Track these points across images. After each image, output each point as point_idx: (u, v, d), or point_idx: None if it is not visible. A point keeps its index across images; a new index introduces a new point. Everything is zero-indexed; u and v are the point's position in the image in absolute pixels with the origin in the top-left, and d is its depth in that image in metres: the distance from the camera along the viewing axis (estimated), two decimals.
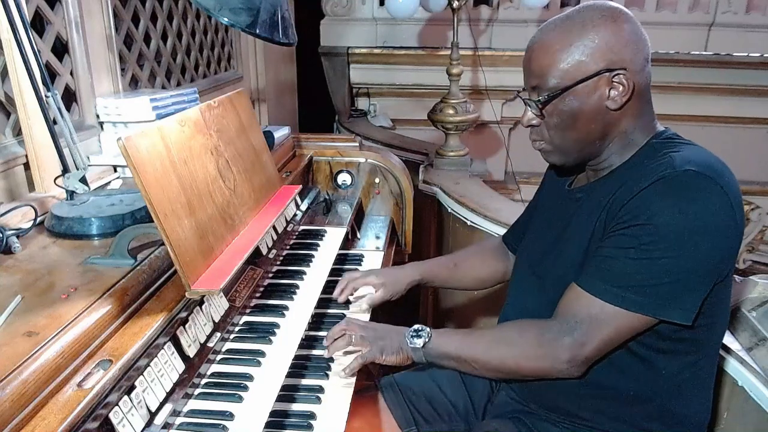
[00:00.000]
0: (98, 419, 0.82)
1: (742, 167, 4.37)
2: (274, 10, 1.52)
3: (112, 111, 1.69)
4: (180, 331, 1.06)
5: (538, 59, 1.10)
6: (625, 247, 1.02)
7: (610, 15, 1.07)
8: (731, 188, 1.01)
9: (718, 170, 1.02)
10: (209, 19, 2.58)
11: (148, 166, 1.04)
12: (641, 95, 1.09)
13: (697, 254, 0.99)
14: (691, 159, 1.03)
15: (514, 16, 4.08)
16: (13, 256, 1.16)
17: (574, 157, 1.17)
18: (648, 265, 1.00)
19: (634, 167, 1.10)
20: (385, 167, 2.20)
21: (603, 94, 1.07)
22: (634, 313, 1.03)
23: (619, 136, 1.12)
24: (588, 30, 1.06)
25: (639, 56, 1.07)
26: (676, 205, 0.99)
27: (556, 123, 1.12)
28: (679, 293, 1.01)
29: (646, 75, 1.09)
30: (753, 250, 4.55)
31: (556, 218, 1.25)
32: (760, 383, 1.24)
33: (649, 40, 1.12)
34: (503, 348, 1.15)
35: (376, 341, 1.24)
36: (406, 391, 1.42)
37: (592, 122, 1.10)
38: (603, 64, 1.06)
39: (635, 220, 1.01)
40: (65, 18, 1.60)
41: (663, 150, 1.08)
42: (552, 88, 1.09)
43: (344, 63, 4.21)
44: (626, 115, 1.10)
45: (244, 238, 1.31)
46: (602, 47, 1.05)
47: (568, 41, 1.07)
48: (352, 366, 1.23)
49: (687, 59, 4.05)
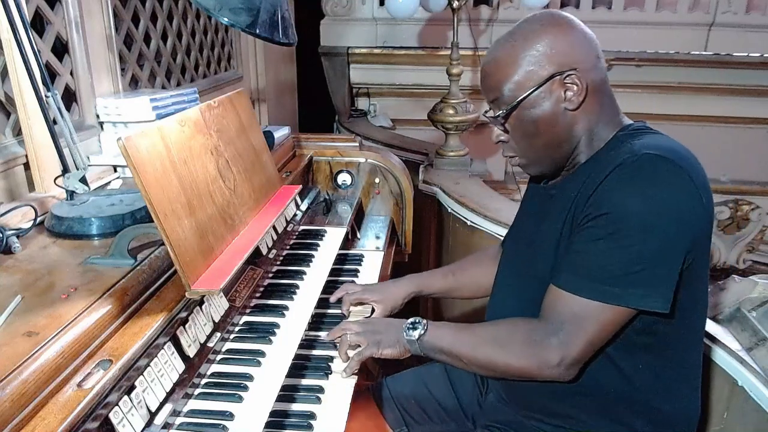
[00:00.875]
0: (98, 419, 0.82)
1: (742, 167, 4.39)
2: (274, 10, 1.52)
3: (112, 111, 1.69)
4: (180, 331, 1.06)
5: (492, 76, 1.14)
6: (595, 239, 1.03)
7: (551, 22, 1.11)
8: (694, 170, 1.02)
9: (680, 153, 1.03)
10: (209, 19, 2.58)
11: (148, 166, 1.04)
12: (598, 91, 1.11)
13: (665, 236, 0.99)
14: (649, 144, 1.04)
15: (514, 16, 4.08)
16: (13, 256, 1.16)
17: (548, 163, 1.19)
18: (619, 254, 1.00)
19: (599, 160, 1.11)
20: (385, 167, 2.20)
21: (559, 97, 1.10)
22: (614, 306, 1.02)
23: (584, 134, 1.13)
24: (532, 40, 1.09)
25: (588, 55, 1.10)
26: (637, 190, 1.00)
27: (521, 134, 1.15)
28: (653, 279, 1.01)
29: (600, 71, 1.12)
30: (753, 250, 4.55)
31: (533, 215, 1.27)
32: (760, 383, 1.24)
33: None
34: (493, 347, 1.14)
35: (373, 336, 1.24)
36: (397, 394, 1.44)
37: (555, 126, 1.12)
38: (552, 68, 1.08)
39: (600, 211, 1.02)
40: (65, 18, 1.60)
41: (626, 140, 1.09)
42: (508, 101, 1.12)
43: (344, 63, 4.21)
44: (586, 113, 1.11)
45: (244, 238, 1.31)
46: (548, 53, 1.08)
47: (515, 54, 1.10)
48: (351, 365, 1.23)
49: (687, 59, 4.05)
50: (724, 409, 1.35)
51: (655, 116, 4.04)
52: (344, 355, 1.25)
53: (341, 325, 1.31)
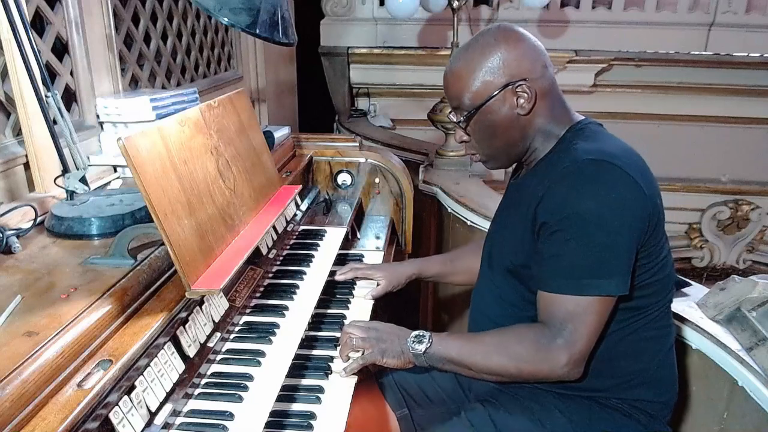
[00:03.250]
0: (98, 419, 0.82)
1: (742, 167, 4.39)
2: (274, 10, 1.52)
3: (112, 111, 1.69)
4: (180, 331, 1.06)
5: (453, 85, 1.27)
6: (564, 241, 1.13)
7: (503, 37, 1.22)
8: (629, 165, 1.13)
9: (614, 154, 1.15)
10: (209, 19, 2.58)
11: (148, 166, 1.04)
12: (547, 96, 1.24)
13: (619, 227, 1.11)
14: (589, 149, 1.17)
15: (514, 16, 4.08)
16: (13, 256, 1.16)
17: (505, 159, 1.33)
18: (589, 250, 1.12)
19: (551, 160, 1.24)
20: (385, 167, 2.20)
21: (512, 104, 1.22)
22: (597, 296, 1.12)
23: (537, 133, 1.26)
24: (486, 54, 1.22)
25: (536, 65, 1.22)
26: (587, 192, 1.12)
27: (480, 136, 1.28)
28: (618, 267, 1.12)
29: (548, 78, 1.24)
30: (753, 250, 4.56)
31: (503, 209, 1.42)
32: (760, 383, 1.24)
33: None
34: (503, 355, 1.19)
35: (378, 343, 1.26)
36: (398, 376, 1.48)
37: (510, 129, 1.25)
38: (504, 79, 1.21)
39: (561, 215, 1.13)
40: (65, 18, 1.60)
41: (572, 141, 1.21)
42: (468, 107, 1.25)
43: (344, 63, 4.21)
44: (537, 115, 1.24)
45: (244, 238, 1.31)
46: (501, 65, 1.21)
47: (472, 67, 1.23)
48: (351, 366, 1.24)
49: (687, 59, 4.05)
50: (724, 409, 1.35)
51: (655, 116, 4.04)
52: (346, 356, 1.26)
53: (345, 327, 1.32)
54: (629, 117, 4.06)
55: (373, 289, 1.58)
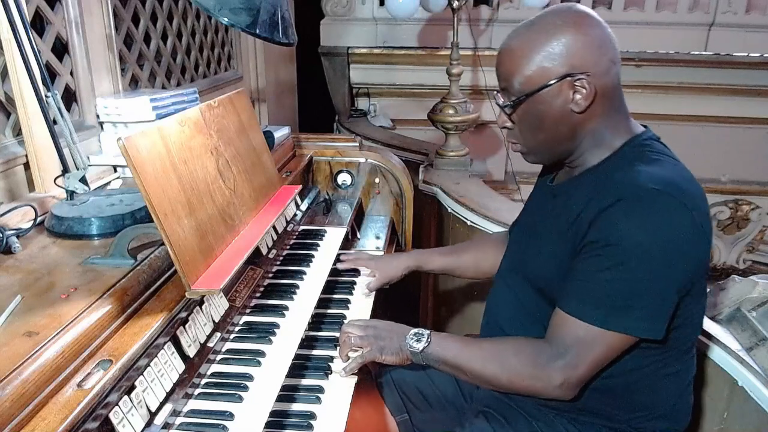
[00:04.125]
0: (98, 419, 0.82)
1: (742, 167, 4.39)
2: (274, 10, 1.52)
3: (112, 111, 1.69)
4: (180, 331, 1.06)
5: (505, 64, 1.14)
6: (601, 269, 1.05)
7: (573, 21, 1.10)
8: (695, 203, 1.04)
9: (681, 187, 1.05)
10: (209, 19, 2.58)
11: (148, 166, 1.04)
12: (607, 97, 1.11)
13: (666, 269, 1.03)
14: (654, 176, 1.05)
15: (514, 16, 4.08)
16: (13, 256, 1.16)
17: (547, 156, 1.22)
18: (623, 284, 1.03)
19: (605, 176, 1.12)
20: (385, 167, 2.20)
21: (567, 98, 1.10)
22: (616, 332, 1.06)
23: (588, 135, 1.15)
24: (550, 36, 1.09)
25: (602, 59, 1.10)
26: (642, 225, 1.02)
27: (525, 126, 1.17)
28: (653, 309, 1.05)
29: (613, 77, 1.11)
30: (753, 250, 4.55)
31: (537, 212, 1.31)
32: (760, 383, 1.24)
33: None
34: (498, 364, 1.16)
35: (376, 341, 1.25)
36: (398, 381, 1.46)
37: (559, 124, 1.13)
38: (564, 69, 1.08)
39: (605, 241, 1.04)
40: (65, 18, 1.60)
41: (634, 161, 1.10)
42: (517, 93, 1.13)
43: (344, 63, 4.21)
44: (593, 117, 1.12)
45: (244, 238, 1.31)
46: (563, 53, 1.08)
47: (530, 48, 1.10)
48: (350, 366, 1.23)
49: (687, 59, 4.05)
50: (724, 409, 1.35)
51: (655, 116, 4.03)
52: (345, 356, 1.26)
53: (344, 327, 1.31)
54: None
55: (370, 282, 1.59)
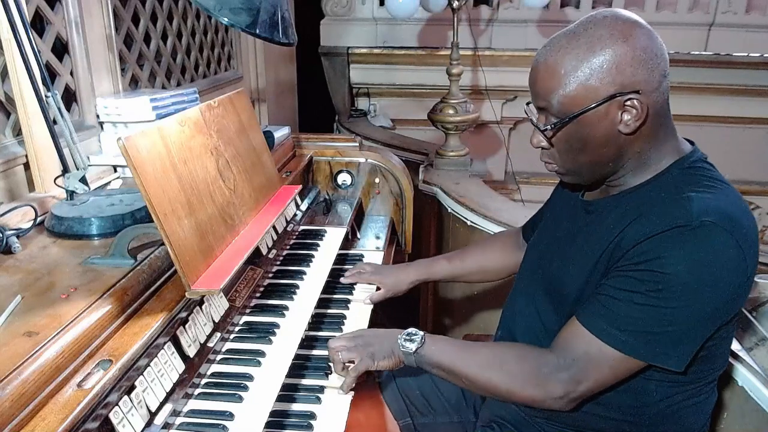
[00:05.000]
0: (98, 419, 0.82)
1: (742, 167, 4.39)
2: (274, 10, 1.52)
3: (112, 111, 1.69)
4: (180, 331, 1.06)
5: (544, 82, 1.03)
6: (632, 290, 0.99)
7: (621, 32, 0.99)
8: (746, 240, 0.97)
9: (736, 219, 0.97)
10: (209, 19, 2.58)
11: (148, 166, 1.04)
12: (657, 115, 1.02)
13: (702, 306, 0.97)
14: (710, 206, 0.97)
15: (514, 16, 4.08)
16: (13, 256, 1.16)
17: (587, 177, 1.13)
18: (652, 312, 0.98)
19: (651, 198, 1.04)
20: (385, 167, 2.20)
21: (615, 119, 1.00)
22: (631, 357, 1.01)
23: (635, 157, 1.06)
24: (596, 51, 0.98)
25: (654, 75, 0.99)
26: (689, 257, 0.95)
27: (565, 148, 1.07)
28: (677, 343, 1.00)
29: (663, 92, 1.02)
30: None
31: (566, 224, 1.22)
32: (760, 383, 1.23)
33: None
34: (497, 371, 1.12)
35: (365, 349, 1.20)
36: (402, 384, 1.45)
37: (604, 147, 1.04)
38: (614, 88, 0.98)
39: (645, 265, 0.98)
40: (65, 18, 1.60)
41: (684, 186, 1.01)
42: (559, 113, 1.03)
43: (344, 63, 4.21)
44: (641, 137, 1.03)
45: (244, 238, 1.31)
46: (612, 70, 0.98)
47: (574, 64, 0.99)
48: (347, 382, 1.19)
49: (687, 59, 4.05)
50: (725, 409, 1.35)
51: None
52: (341, 372, 1.21)
53: (330, 343, 1.23)
54: None
55: (373, 294, 1.56)
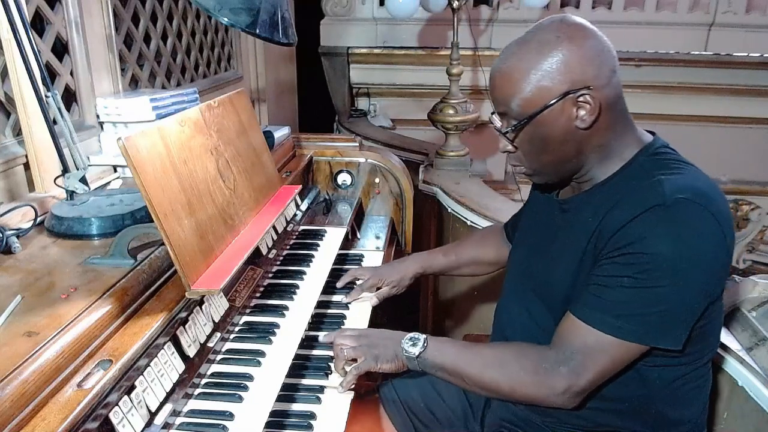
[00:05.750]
0: (98, 419, 0.82)
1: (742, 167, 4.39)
2: (274, 10, 1.52)
3: (112, 111, 1.69)
4: (180, 331, 1.06)
5: (501, 88, 1.10)
6: (619, 275, 1.02)
7: (567, 35, 1.04)
8: (721, 213, 1.01)
9: (708, 195, 1.02)
10: (209, 19, 2.58)
11: (148, 166, 1.04)
12: (612, 108, 1.07)
13: (690, 282, 1.00)
14: (680, 185, 1.02)
15: (514, 16, 4.08)
16: (13, 256, 1.16)
17: (554, 176, 1.17)
18: (643, 294, 1.01)
19: (623, 187, 1.08)
20: (385, 167, 2.20)
21: (570, 116, 1.06)
22: (629, 342, 1.03)
23: (596, 150, 1.11)
24: (545, 53, 1.04)
25: (603, 70, 1.05)
26: (669, 235, 0.99)
27: (529, 149, 1.12)
28: (671, 321, 1.02)
29: (614, 86, 1.07)
30: (753, 250, 4.55)
31: (543, 225, 1.26)
32: (760, 383, 1.24)
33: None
34: (499, 370, 1.12)
35: (370, 350, 1.20)
36: (405, 397, 1.43)
37: (564, 143, 1.09)
38: (565, 86, 1.04)
39: (628, 249, 1.01)
40: (65, 18, 1.60)
41: (653, 171, 1.06)
42: (518, 116, 1.08)
43: (344, 63, 4.21)
44: (598, 130, 1.08)
45: (244, 238, 1.31)
46: (562, 69, 1.03)
47: (526, 68, 1.05)
48: (347, 380, 1.20)
49: (687, 59, 4.05)
50: (724, 409, 1.35)
51: (655, 116, 4.04)
52: (341, 370, 1.22)
53: (336, 339, 1.25)
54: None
55: (378, 292, 1.56)
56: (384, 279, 1.56)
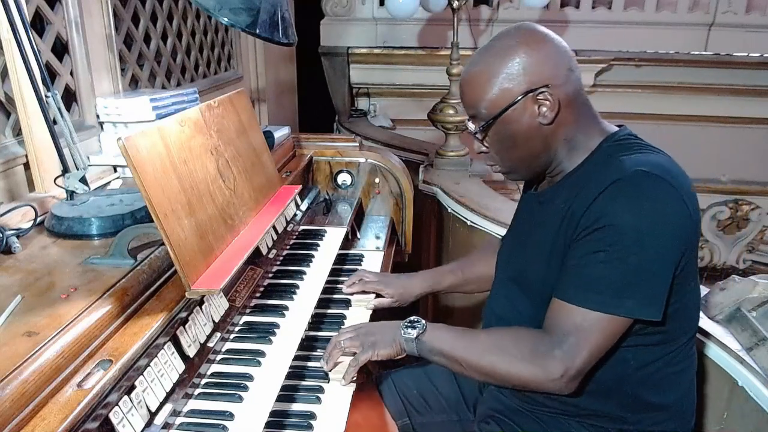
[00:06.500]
0: (98, 419, 0.82)
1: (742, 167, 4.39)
2: (274, 10, 1.52)
3: (112, 111, 1.69)
4: (180, 331, 1.06)
5: (468, 93, 1.19)
6: (594, 251, 1.07)
7: (523, 38, 1.14)
8: (681, 184, 1.07)
9: (667, 168, 1.08)
10: (209, 19, 2.58)
11: (148, 166, 1.04)
12: (571, 103, 1.15)
13: (658, 247, 1.04)
14: (640, 161, 1.09)
15: (514, 16, 4.08)
16: (13, 256, 1.16)
17: (527, 172, 1.25)
18: (617, 265, 1.05)
19: (588, 173, 1.14)
20: (385, 167, 2.20)
21: (533, 113, 1.14)
22: (612, 315, 1.06)
23: (562, 144, 1.17)
24: (506, 58, 1.13)
25: (559, 70, 1.13)
26: (632, 205, 1.04)
27: (499, 148, 1.21)
28: (650, 290, 1.06)
29: (572, 83, 1.15)
30: (753, 250, 4.55)
31: (524, 220, 1.34)
32: (760, 383, 1.24)
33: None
34: (497, 355, 1.15)
35: (366, 338, 1.24)
36: (400, 385, 1.46)
37: (531, 140, 1.17)
38: (525, 86, 1.12)
39: (597, 224, 1.06)
40: (65, 18, 1.60)
41: (616, 155, 1.12)
42: (485, 117, 1.17)
43: (344, 63, 4.21)
44: (562, 125, 1.15)
45: (244, 238, 1.31)
46: (521, 71, 1.12)
47: (489, 73, 1.14)
48: (349, 372, 1.21)
49: (687, 59, 4.05)
50: (724, 409, 1.35)
51: (655, 116, 4.04)
52: (335, 358, 1.24)
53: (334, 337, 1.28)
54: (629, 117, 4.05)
55: (377, 300, 1.54)
56: (385, 290, 1.54)
